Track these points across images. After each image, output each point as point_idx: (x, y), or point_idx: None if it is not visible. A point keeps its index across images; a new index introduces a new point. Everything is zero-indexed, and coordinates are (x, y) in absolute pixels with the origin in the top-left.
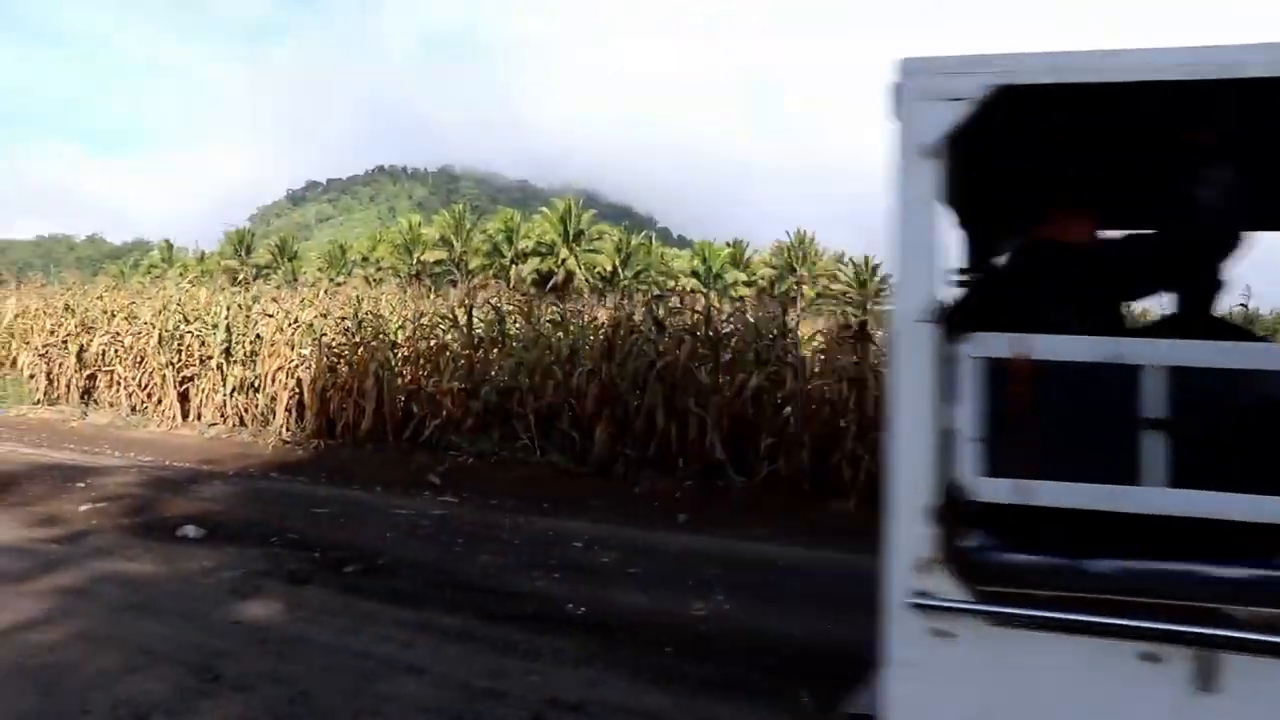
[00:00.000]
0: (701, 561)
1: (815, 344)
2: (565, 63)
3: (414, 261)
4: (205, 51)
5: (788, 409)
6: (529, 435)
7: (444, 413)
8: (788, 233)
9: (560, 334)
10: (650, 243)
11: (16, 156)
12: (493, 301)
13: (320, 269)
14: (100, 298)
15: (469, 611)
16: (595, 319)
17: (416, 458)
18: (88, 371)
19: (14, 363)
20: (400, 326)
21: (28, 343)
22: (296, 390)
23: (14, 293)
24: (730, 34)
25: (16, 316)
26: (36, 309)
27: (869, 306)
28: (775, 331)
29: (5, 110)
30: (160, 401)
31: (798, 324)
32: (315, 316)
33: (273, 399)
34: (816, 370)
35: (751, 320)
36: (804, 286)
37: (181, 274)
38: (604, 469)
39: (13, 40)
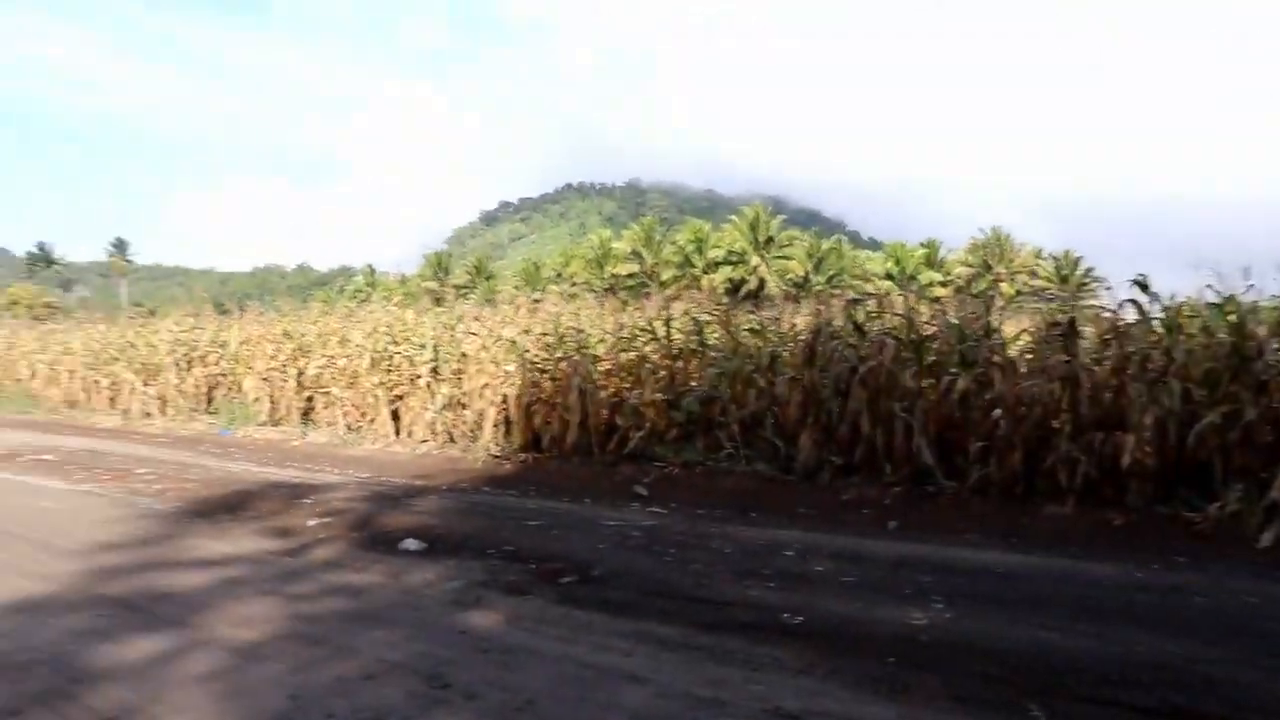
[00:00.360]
0: (915, 569)
1: (1021, 343)
2: (744, 71)
3: (606, 276)
4: (395, 82)
5: (997, 411)
6: (733, 444)
7: (647, 424)
8: (982, 230)
9: (759, 342)
10: (841, 246)
11: (228, 190)
12: (691, 312)
13: (516, 287)
14: (314, 323)
15: (685, 621)
16: (794, 326)
17: (622, 469)
18: (306, 393)
19: (240, 387)
20: (600, 340)
21: (251, 368)
22: (502, 406)
23: (237, 321)
24: (908, 26)
25: (241, 344)
26: (258, 336)
27: (1072, 302)
28: (980, 332)
29: (219, 148)
30: (373, 420)
31: (1001, 323)
32: (517, 333)
33: (480, 415)
34: (1024, 370)
35: (954, 321)
36: (1002, 284)
37: (385, 298)
38: (810, 476)
39: (221, 82)
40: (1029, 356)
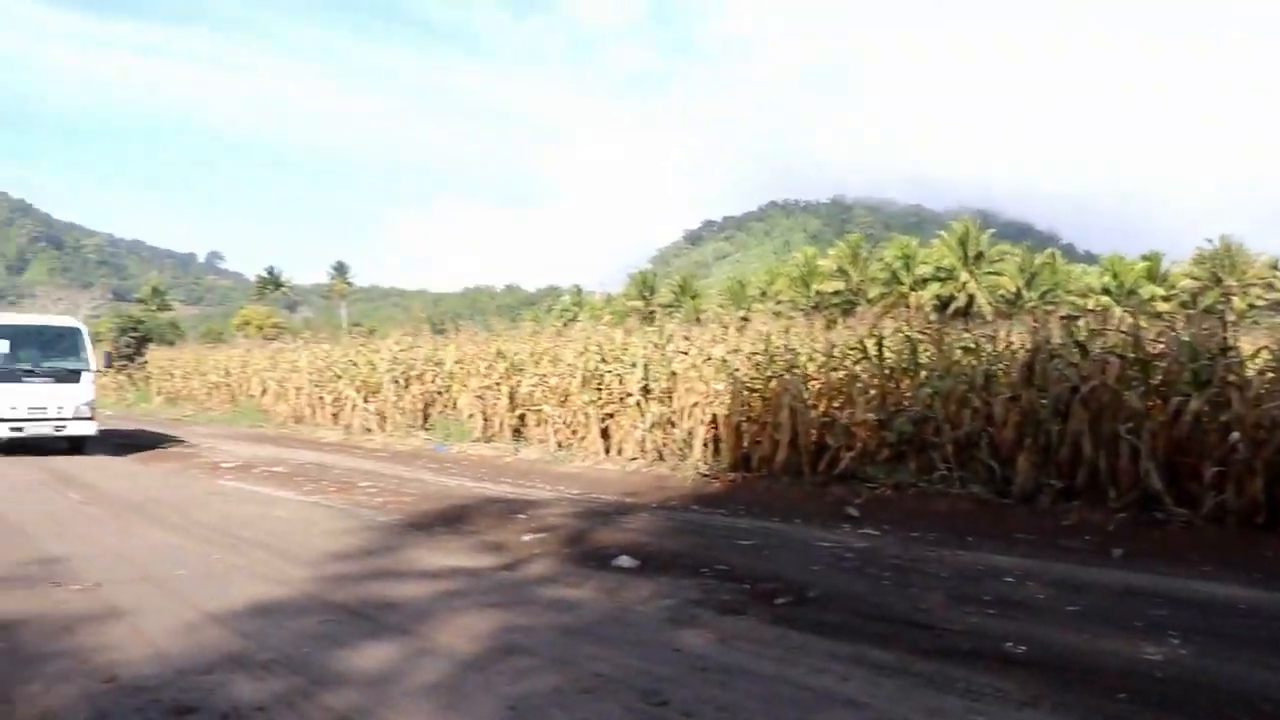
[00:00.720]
0: (1145, 600)
1: (1260, 361)
2: (947, 84)
3: (811, 293)
4: (599, 104)
5: (1234, 434)
6: (946, 466)
7: (858, 444)
8: (1209, 240)
9: (973, 361)
10: (1055, 260)
11: (438, 213)
12: (904, 330)
13: (720, 305)
14: (527, 343)
15: (903, 646)
16: (1010, 344)
17: (832, 490)
18: (518, 411)
19: (455, 404)
20: (810, 358)
21: (466, 386)
22: (711, 424)
23: (453, 341)
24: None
25: (456, 363)
26: (472, 355)
27: None
28: (1214, 350)
29: (430, 173)
30: (584, 437)
31: (1237, 340)
32: (727, 352)
33: (689, 433)
34: (1264, 391)
35: (1185, 339)
36: (1234, 298)
37: (594, 317)
38: (1028, 500)
39: (431, 108)
40: (1270, 376)
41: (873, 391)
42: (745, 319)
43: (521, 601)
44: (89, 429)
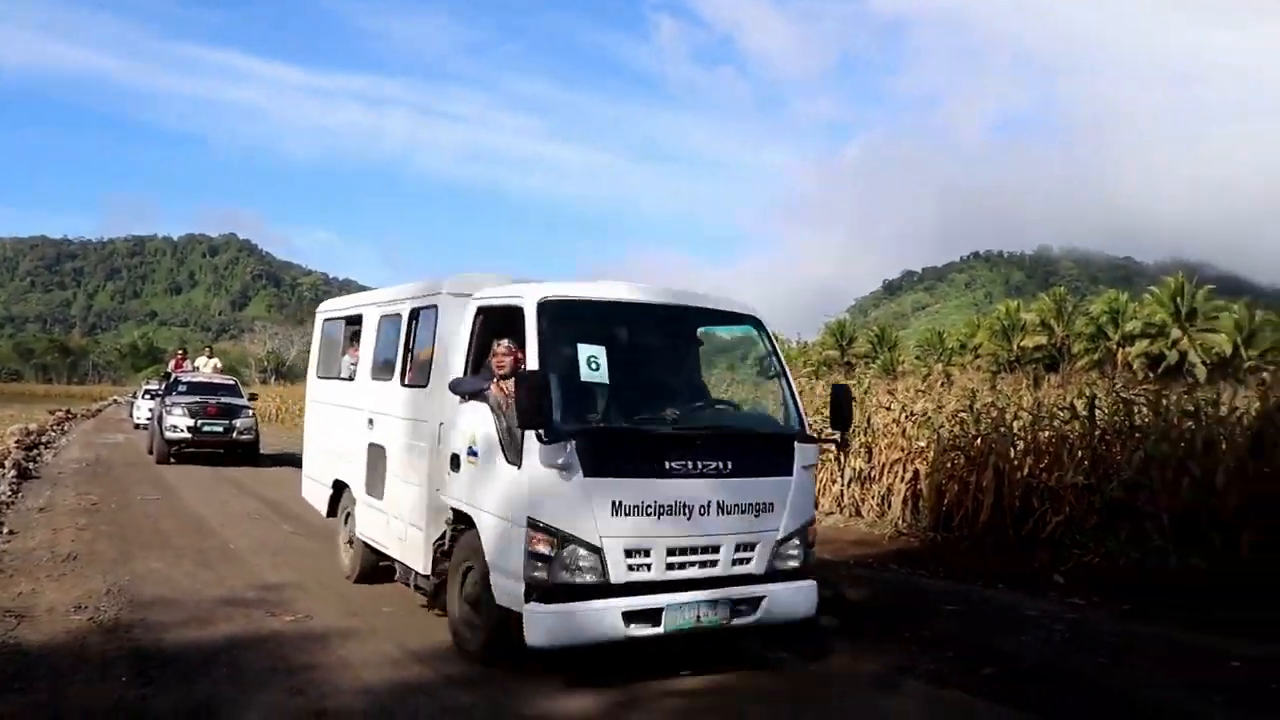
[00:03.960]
0: None
1: None
2: (1149, 131)
3: (1014, 347)
4: (783, 155)
5: None
6: (1161, 537)
7: (1065, 508)
8: None
9: (1193, 425)
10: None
11: (632, 261)
12: (1120, 391)
13: (917, 357)
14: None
15: None
16: (1235, 408)
17: (1038, 555)
18: None
19: None
20: (1016, 416)
21: None
22: (912, 481)
23: None
24: None
25: None
26: None
27: None
28: None
29: (624, 223)
30: None
31: None
32: (933, 408)
33: (888, 489)
34: None
35: None
36: None
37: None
38: (1259, 576)
39: (654, 167)
40: None
41: (1081, 453)
42: (947, 373)
43: (718, 659)
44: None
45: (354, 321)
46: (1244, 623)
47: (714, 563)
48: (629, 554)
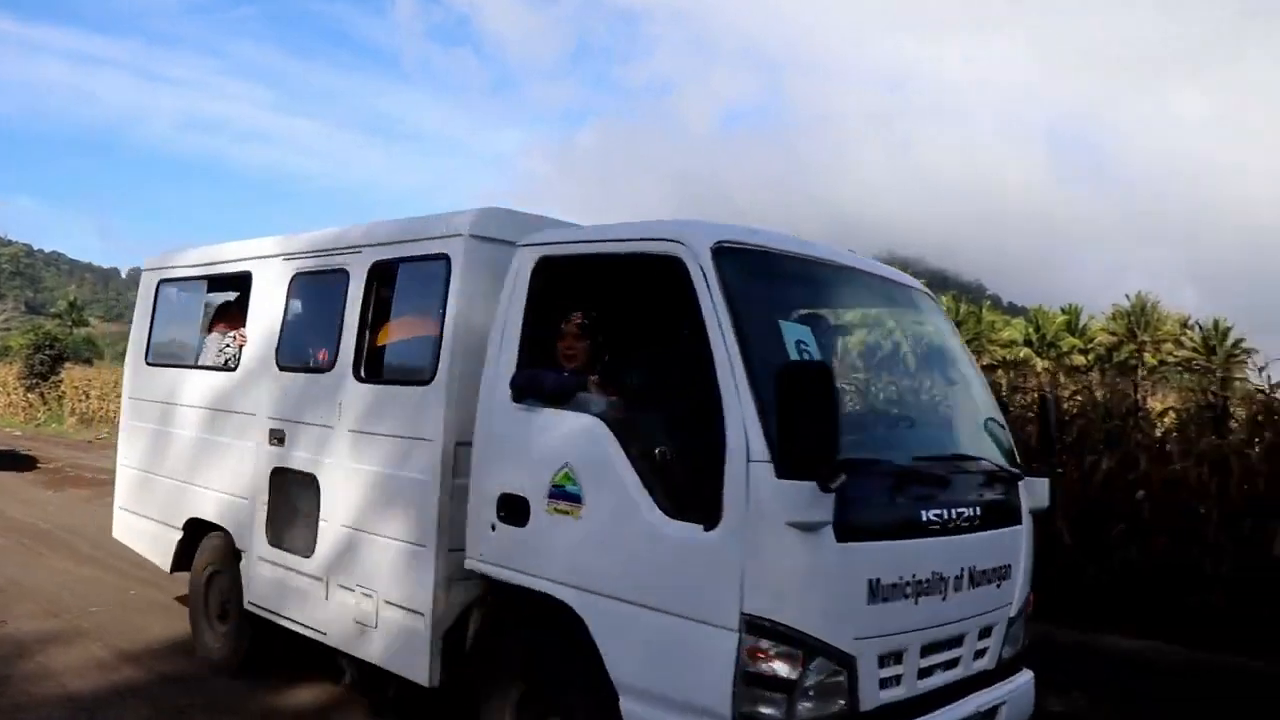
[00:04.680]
0: None
1: (1167, 421)
2: (864, 132)
3: None
4: (520, 137)
5: (1139, 493)
6: None
7: None
8: (1127, 296)
9: None
10: (980, 310)
11: None
12: None
13: None
14: None
15: None
16: None
17: None
18: None
19: None
20: None
21: None
22: None
23: None
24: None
25: None
26: None
27: (1218, 374)
28: (1124, 410)
29: (363, 199)
30: None
31: (1145, 396)
32: None
33: None
34: (1168, 449)
35: (1100, 399)
36: (1145, 354)
37: None
38: None
39: (392, 145)
40: (1175, 435)
41: None
42: None
43: None
44: None
45: (225, 283)
46: None
47: (956, 661)
48: (881, 662)
